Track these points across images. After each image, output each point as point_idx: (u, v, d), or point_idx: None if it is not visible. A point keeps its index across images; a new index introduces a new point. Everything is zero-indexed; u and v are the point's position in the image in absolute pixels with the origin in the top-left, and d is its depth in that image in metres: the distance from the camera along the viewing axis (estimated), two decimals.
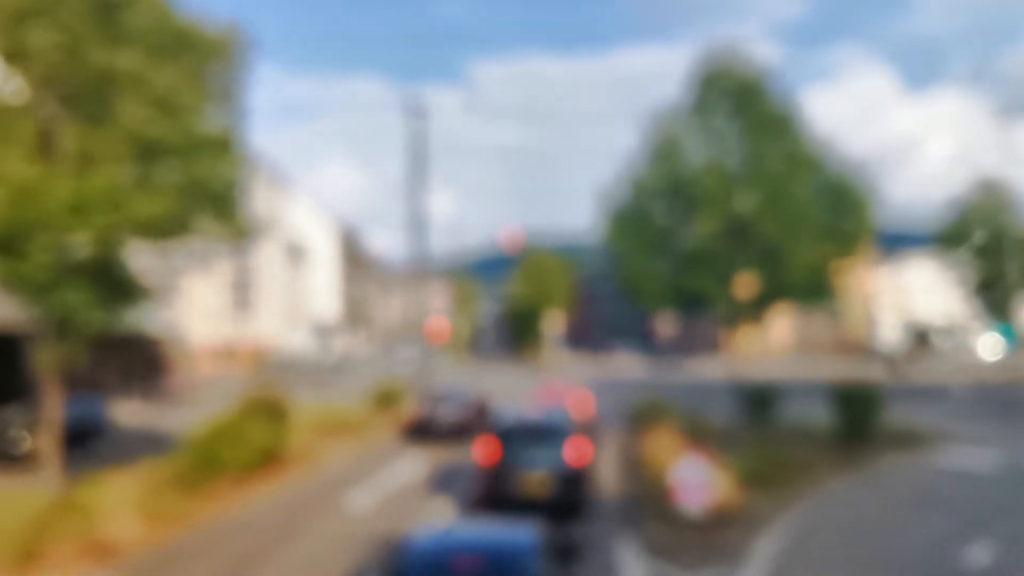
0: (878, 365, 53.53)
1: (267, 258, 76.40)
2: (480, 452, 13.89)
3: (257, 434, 16.32)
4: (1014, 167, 55.01)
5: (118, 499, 12.75)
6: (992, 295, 56.08)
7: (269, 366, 59.97)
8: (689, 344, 79.59)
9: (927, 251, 57.17)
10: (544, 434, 14.05)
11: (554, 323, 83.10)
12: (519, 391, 33.91)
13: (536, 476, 13.27)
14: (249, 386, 22.59)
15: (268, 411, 19.04)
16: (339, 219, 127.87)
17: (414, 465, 19.10)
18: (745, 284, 18.75)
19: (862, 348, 68.42)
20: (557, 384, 27.05)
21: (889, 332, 53.95)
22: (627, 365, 68.10)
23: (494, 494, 13.44)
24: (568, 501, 13.32)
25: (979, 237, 53.23)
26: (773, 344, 72.25)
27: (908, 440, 20.05)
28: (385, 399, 27.71)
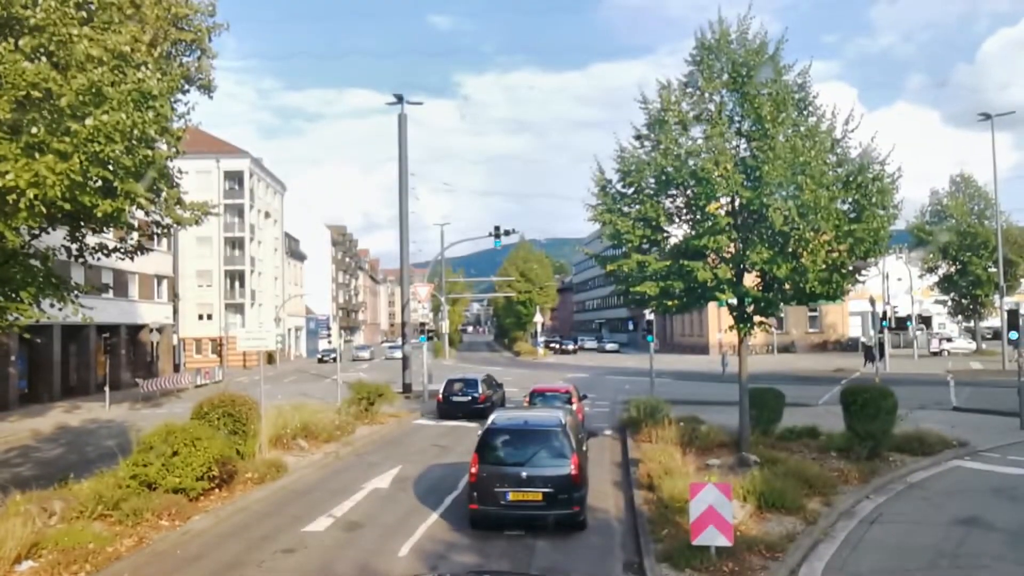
0: (859, 358, 51.04)
1: (261, 256, 72.94)
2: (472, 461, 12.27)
3: (209, 446, 13.21)
4: (971, 170, 52.69)
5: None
6: (962, 290, 53.99)
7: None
8: (677, 340, 76.95)
9: (898, 247, 55.05)
10: (535, 436, 12.63)
11: (541, 318, 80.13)
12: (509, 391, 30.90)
13: (527, 482, 11.84)
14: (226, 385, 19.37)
15: (230, 416, 16.01)
16: (333, 222, 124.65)
17: (383, 490, 16.08)
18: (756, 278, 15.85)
19: (840, 342, 65.87)
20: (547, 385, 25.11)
21: (866, 326, 51.21)
22: (615, 361, 65.35)
23: (483, 507, 11.92)
24: (561, 508, 11.76)
25: (947, 233, 51.18)
26: (754, 340, 69.70)
27: (923, 445, 17.21)
28: (366, 400, 24.61)
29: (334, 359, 75.10)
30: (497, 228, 34.18)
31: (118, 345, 42.29)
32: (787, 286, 16.15)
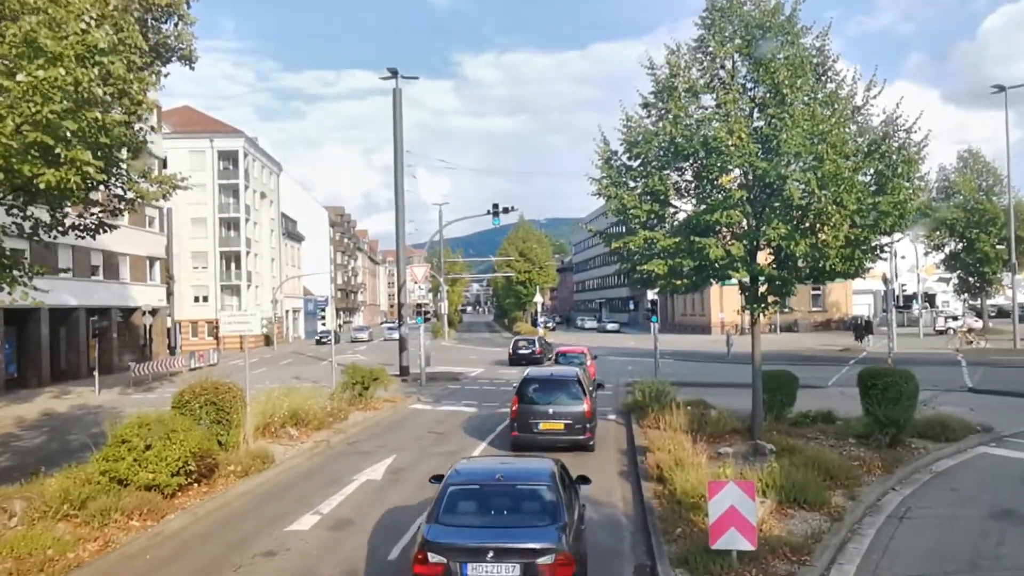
0: (852, 336, 50.17)
1: (257, 237, 71.77)
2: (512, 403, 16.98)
3: (185, 439, 12.22)
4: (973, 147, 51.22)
5: None
6: (969, 267, 52.91)
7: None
8: (678, 320, 76.00)
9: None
10: (558, 384, 17.32)
11: (541, 298, 79.11)
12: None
13: (552, 416, 16.47)
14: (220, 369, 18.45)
15: (213, 405, 15.03)
16: (332, 203, 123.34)
17: (375, 483, 15.17)
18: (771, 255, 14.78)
19: (844, 321, 64.81)
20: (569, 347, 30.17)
21: (877, 305, 50.41)
22: (616, 341, 64.43)
23: (521, 434, 16.56)
24: (576, 435, 16.38)
25: (955, 210, 50.00)
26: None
27: (946, 431, 16.24)
28: (360, 385, 23.63)
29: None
30: (496, 206, 33.05)
31: (109, 328, 41.31)
32: (802, 264, 15.14)
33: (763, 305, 15.48)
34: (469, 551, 7.28)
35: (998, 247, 49.37)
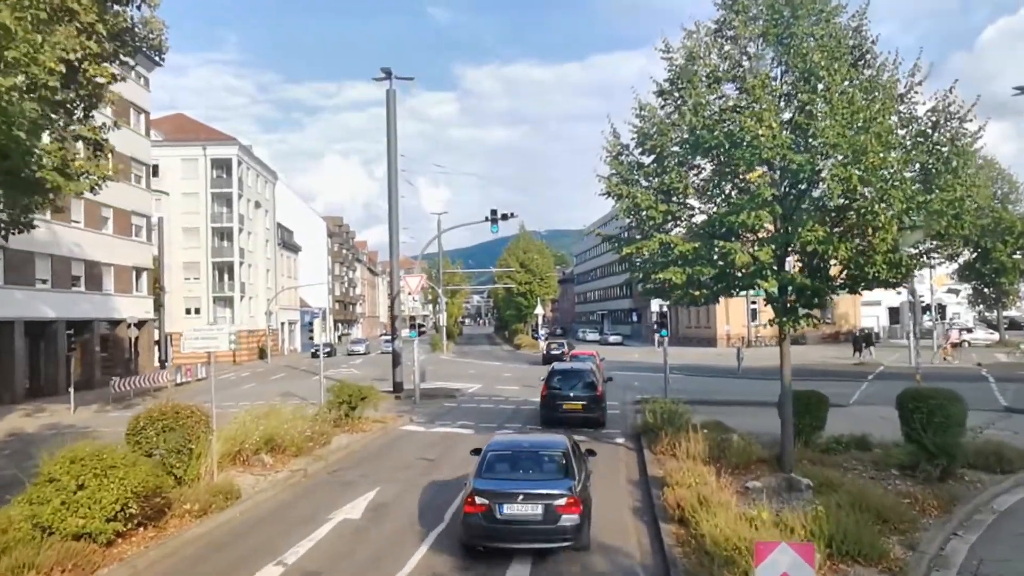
0: (878, 350, 48.30)
1: (251, 248, 70.04)
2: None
3: (127, 476, 10.38)
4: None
5: None
6: (984, 278, 51.09)
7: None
8: (683, 332, 74.04)
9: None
10: (577, 374, 22.71)
11: (542, 310, 77.24)
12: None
13: (572, 399, 21.60)
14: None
15: (171, 432, 13.21)
16: (331, 214, 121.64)
17: (353, 522, 13.34)
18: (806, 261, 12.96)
19: (852, 333, 62.73)
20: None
21: (904, 317, 48.43)
22: (619, 354, 62.49)
23: (548, 412, 21.48)
24: (591, 413, 21.38)
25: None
26: (762, 331, 66.71)
27: (1000, 460, 14.40)
28: (347, 404, 21.78)
29: (327, 354, 73.11)
30: (494, 212, 31.20)
31: (91, 341, 39.52)
32: (836, 271, 13.36)
33: (794, 318, 13.67)
34: (505, 495, 9.89)
35: (1015, 257, 47.61)
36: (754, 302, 63.03)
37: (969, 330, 54.70)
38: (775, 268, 13.09)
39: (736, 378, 36.45)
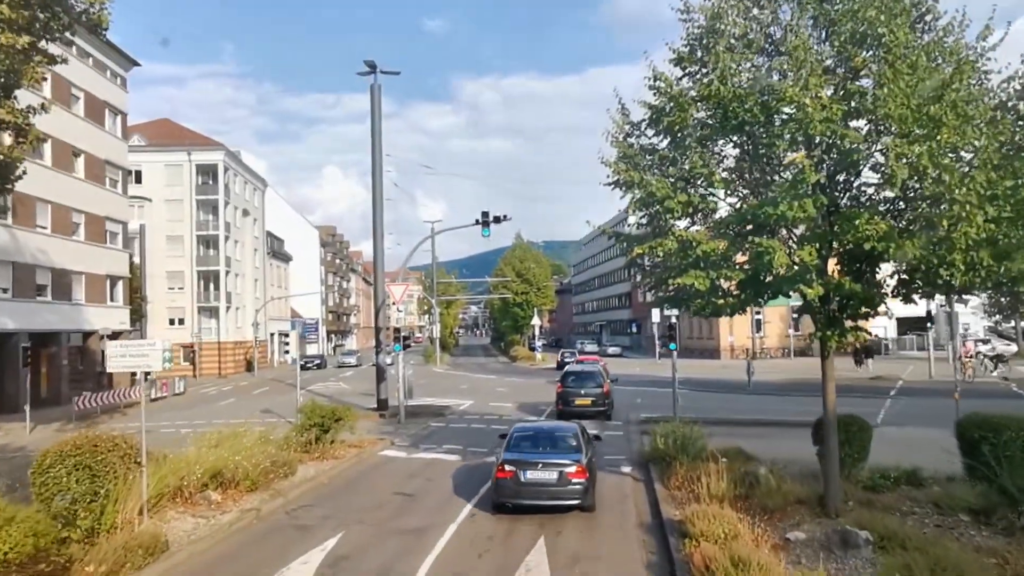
0: (888, 364, 45.94)
1: (239, 256, 67.66)
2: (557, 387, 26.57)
3: (3, 537, 7.99)
4: None
5: None
6: (1000, 287, 48.88)
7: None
8: (684, 343, 71.54)
9: None
10: (586, 374, 27.34)
11: (539, 321, 74.84)
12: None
13: (583, 396, 25.87)
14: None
15: (86, 469, 10.82)
16: (330, 224, 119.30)
17: None
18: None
19: (863, 343, 60.29)
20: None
21: (940, 328, 46.08)
22: (619, 367, 60.06)
23: (563, 407, 25.60)
24: (599, 407, 25.54)
25: None
26: (768, 342, 64.25)
27: None
28: (318, 428, 19.34)
29: (318, 366, 70.57)
30: (485, 214, 28.69)
31: (59, 355, 37.04)
32: (892, 273, 11.06)
33: (839, 331, 11.32)
34: (528, 463, 12.71)
35: None
36: (759, 312, 60.70)
37: (985, 341, 52.32)
38: (821, 270, 10.76)
39: (747, 394, 34.03)
